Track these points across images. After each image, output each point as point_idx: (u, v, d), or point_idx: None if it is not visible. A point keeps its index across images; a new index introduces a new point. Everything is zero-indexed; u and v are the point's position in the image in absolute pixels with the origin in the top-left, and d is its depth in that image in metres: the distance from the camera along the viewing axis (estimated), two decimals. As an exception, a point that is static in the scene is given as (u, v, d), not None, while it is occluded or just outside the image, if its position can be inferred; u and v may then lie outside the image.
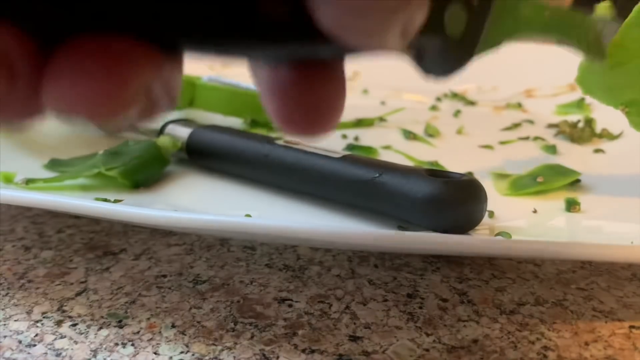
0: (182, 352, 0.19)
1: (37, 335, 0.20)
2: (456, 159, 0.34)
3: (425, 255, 0.25)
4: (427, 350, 0.20)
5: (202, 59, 0.12)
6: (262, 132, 0.35)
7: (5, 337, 0.20)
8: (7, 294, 0.22)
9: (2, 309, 0.22)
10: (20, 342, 0.20)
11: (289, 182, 0.27)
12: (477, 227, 0.24)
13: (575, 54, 0.22)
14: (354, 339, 0.20)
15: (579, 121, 0.38)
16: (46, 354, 0.19)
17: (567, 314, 0.22)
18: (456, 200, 0.23)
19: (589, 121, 0.38)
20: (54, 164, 0.30)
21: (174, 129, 0.31)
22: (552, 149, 0.35)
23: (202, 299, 0.22)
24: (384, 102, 0.45)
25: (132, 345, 0.20)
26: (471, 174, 0.29)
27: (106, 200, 0.26)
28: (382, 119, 0.41)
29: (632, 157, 0.33)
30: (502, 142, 0.37)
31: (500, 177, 0.30)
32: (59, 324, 0.21)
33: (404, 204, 0.23)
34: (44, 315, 0.21)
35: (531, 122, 0.41)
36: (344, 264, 0.25)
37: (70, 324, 0.21)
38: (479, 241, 0.21)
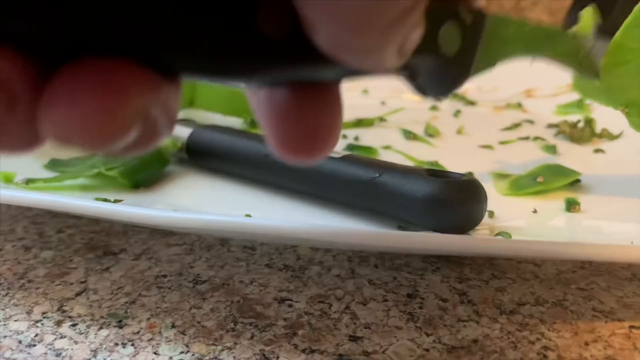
0: (182, 352, 0.19)
1: (37, 335, 0.20)
2: (456, 159, 0.34)
3: (425, 255, 0.25)
4: (427, 350, 0.20)
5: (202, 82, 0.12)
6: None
7: (5, 337, 0.20)
8: (7, 294, 0.22)
9: (2, 309, 0.22)
10: (20, 342, 0.20)
11: (289, 182, 0.27)
12: (477, 227, 0.24)
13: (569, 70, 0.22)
14: (354, 339, 0.20)
15: (579, 121, 0.38)
16: (46, 354, 0.19)
17: (567, 314, 0.22)
18: (456, 200, 0.23)
19: (589, 121, 0.38)
20: (54, 164, 0.30)
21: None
22: (552, 149, 0.35)
23: (202, 299, 0.22)
24: (384, 102, 0.45)
25: (132, 345, 0.20)
26: (471, 174, 0.29)
27: (106, 200, 0.26)
28: (382, 119, 0.41)
29: (632, 157, 0.33)
30: (502, 142, 0.37)
31: (500, 177, 0.30)
32: (59, 324, 0.21)
33: (404, 204, 0.23)
34: (44, 315, 0.21)
35: (531, 122, 0.41)
36: (344, 264, 0.25)
37: (70, 324, 0.21)
38: (479, 241, 0.21)
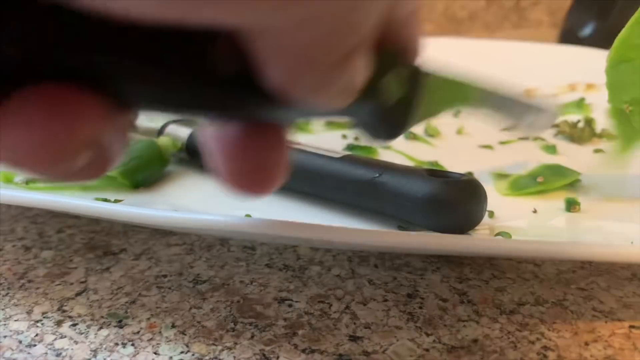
0: (182, 352, 0.19)
1: (37, 335, 0.20)
2: (456, 159, 0.34)
3: (425, 255, 0.25)
4: (427, 350, 0.20)
5: (154, 115, 0.13)
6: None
7: (5, 337, 0.20)
8: (7, 294, 0.22)
9: (2, 309, 0.22)
10: (20, 342, 0.20)
11: (289, 182, 0.27)
12: (477, 227, 0.24)
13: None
14: (354, 339, 0.20)
15: (579, 121, 0.38)
16: (46, 354, 0.19)
17: (567, 314, 0.22)
18: (456, 200, 0.23)
19: (589, 121, 0.38)
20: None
21: (174, 129, 0.31)
22: (552, 149, 0.35)
23: (202, 299, 0.22)
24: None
25: (132, 345, 0.20)
26: (471, 174, 0.29)
27: (106, 200, 0.26)
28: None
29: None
30: (502, 142, 0.37)
31: (500, 177, 0.30)
32: (59, 324, 0.21)
33: (404, 204, 0.23)
34: (44, 315, 0.21)
35: (531, 122, 0.41)
36: (344, 264, 0.25)
37: (70, 324, 0.21)
38: (479, 241, 0.21)
